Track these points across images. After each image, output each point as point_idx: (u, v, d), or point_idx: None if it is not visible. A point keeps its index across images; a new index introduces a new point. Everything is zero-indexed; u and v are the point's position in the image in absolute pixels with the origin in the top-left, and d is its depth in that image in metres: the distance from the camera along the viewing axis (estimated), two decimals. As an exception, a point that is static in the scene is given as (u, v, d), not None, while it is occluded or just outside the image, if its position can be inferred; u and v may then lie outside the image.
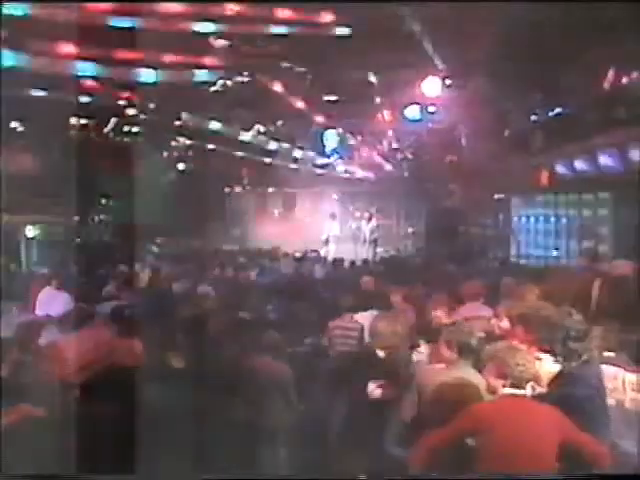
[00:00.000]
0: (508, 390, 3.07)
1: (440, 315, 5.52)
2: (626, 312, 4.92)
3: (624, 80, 8.86)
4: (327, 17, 7.96)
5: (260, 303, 6.99)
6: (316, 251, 13.83)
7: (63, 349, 4.58)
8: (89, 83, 9.35)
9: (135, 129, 13.31)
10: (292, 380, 4.95)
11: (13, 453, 3.43)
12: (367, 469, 4.50)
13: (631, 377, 3.49)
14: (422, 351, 4.80)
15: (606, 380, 3.33)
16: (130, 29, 7.27)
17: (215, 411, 4.91)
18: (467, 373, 3.68)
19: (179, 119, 12.95)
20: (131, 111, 11.83)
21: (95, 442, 3.57)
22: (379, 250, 15.49)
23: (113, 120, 12.79)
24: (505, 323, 4.32)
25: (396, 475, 4.10)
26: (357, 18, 8.02)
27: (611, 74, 8.99)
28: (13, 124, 11.08)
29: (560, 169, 10.89)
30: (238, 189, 18.71)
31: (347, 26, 8.22)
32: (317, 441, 5.10)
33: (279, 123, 14.22)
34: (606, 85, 9.01)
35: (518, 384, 3.07)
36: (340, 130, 14.56)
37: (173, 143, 16.07)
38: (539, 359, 3.60)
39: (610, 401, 3.30)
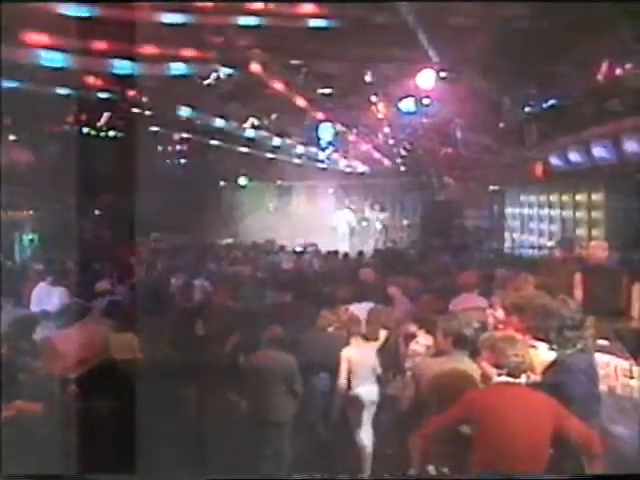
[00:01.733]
0: (503, 379, 3.09)
1: (437, 306, 5.54)
2: (607, 302, 4.96)
3: (618, 72, 8.86)
4: (321, 10, 7.93)
5: (256, 297, 6.99)
6: (313, 244, 13.85)
7: (58, 344, 4.58)
8: (84, 77, 9.30)
9: (130, 123, 13.25)
10: (297, 371, 4.98)
11: (10, 451, 3.44)
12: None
13: (623, 364, 3.52)
14: (419, 342, 4.82)
15: (599, 367, 3.36)
16: (123, 23, 7.22)
17: (219, 406, 4.92)
18: (463, 363, 3.70)
19: (174, 113, 12.89)
20: (126, 105, 11.77)
21: (92, 437, 3.57)
22: (375, 242, 15.51)
23: (107, 114, 12.72)
24: (500, 313, 4.35)
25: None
26: (351, 11, 7.99)
27: (605, 66, 9.00)
28: (8, 119, 11.01)
29: (554, 161, 10.91)
30: (233, 183, 18.68)
31: (341, 19, 8.19)
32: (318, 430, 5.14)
33: (273, 117, 14.16)
34: (600, 77, 9.01)
35: (513, 374, 3.09)
36: (335, 123, 14.52)
37: (168, 137, 16.01)
38: (534, 347, 3.63)
39: (603, 388, 3.33)
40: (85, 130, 12.53)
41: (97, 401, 3.75)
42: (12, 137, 11.71)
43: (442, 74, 10.58)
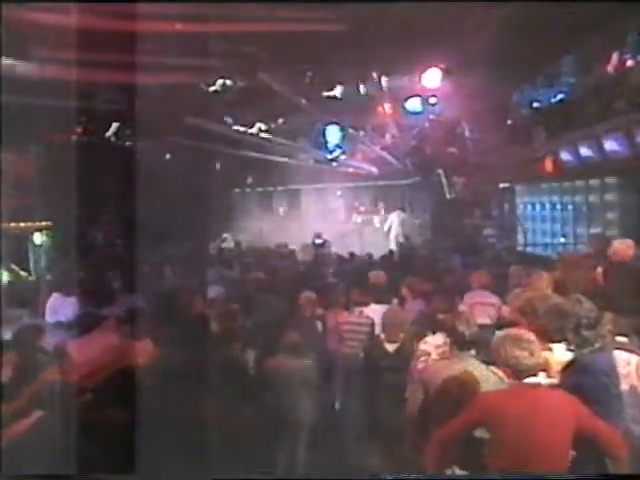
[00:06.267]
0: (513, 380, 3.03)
1: (448, 306, 5.50)
2: (631, 296, 4.89)
3: (627, 65, 8.80)
4: (325, 13, 7.93)
5: (268, 302, 6.96)
6: (323, 246, 13.84)
7: (74, 353, 4.60)
8: (89, 87, 9.35)
9: (138, 132, 13.32)
10: (316, 376, 4.99)
11: (18, 455, 3.45)
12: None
13: (644, 362, 3.44)
14: (427, 342, 4.76)
15: (619, 366, 3.30)
16: (129, 32, 7.25)
17: (236, 412, 4.92)
18: (470, 364, 3.61)
19: (181, 121, 12.93)
20: (133, 114, 11.83)
21: (112, 446, 3.58)
22: (386, 243, 15.42)
23: (115, 124, 12.81)
24: (511, 313, 4.30)
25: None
26: (355, 12, 7.99)
27: (614, 60, 8.94)
28: (16, 130, 11.09)
29: (565, 156, 10.83)
30: (242, 188, 18.71)
31: (346, 21, 8.19)
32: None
33: (280, 121, 14.20)
34: (610, 69, 8.95)
35: (523, 375, 3.01)
36: (342, 125, 14.53)
37: (176, 145, 16.06)
38: (549, 348, 3.57)
39: (623, 386, 3.27)
40: (95, 140, 12.61)
41: (115, 409, 3.76)
42: (20, 148, 11.79)
43: (448, 73, 10.59)
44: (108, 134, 12.89)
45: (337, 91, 11.64)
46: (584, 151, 10.07)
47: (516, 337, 3.13)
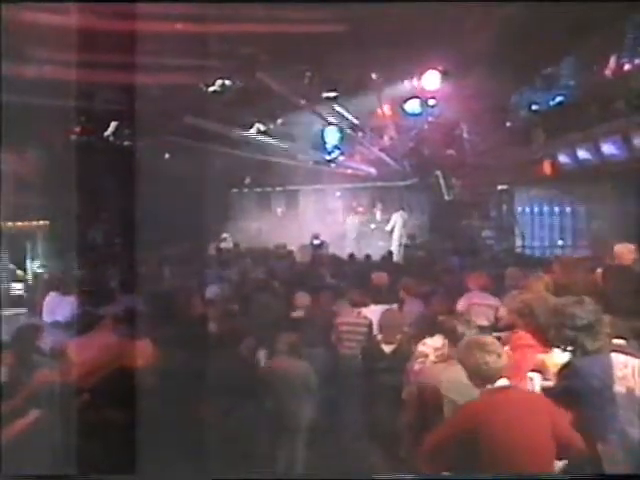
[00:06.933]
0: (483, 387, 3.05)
1: (446, 307, 5.52)
2: (631, 299, 4.91)
3: (626, 68, 8.82)
4: (324, 14, 7.94)
5: (266, 302, 6.97)
6: (321, 246, 13.85)
7: (72, 353, 4.60)
8: (89, 87, 9.35)
9: (136, 132, 13.31)
10: (315, 378, 5.00)
11: (18, 455, 3.46)
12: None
13: (641, 364, 3.45)
14: (426, 343, 4.77)
15: (616, 368, 3.31)
16: (128, 32, 7.26)
17: (234, 412, 4.93)
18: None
19: (180, 121, 12.93)
20: (132, 114, 11.84)
21: (112, 447, 3.59)
22: (384, 245, 15.44)
23: (114, 124, 12.81)
24: (508, 315, 4.32)
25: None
26: (354, 13, 8.00)
27: (612, 62, 8.96)
28: (16, 130, 11.09)
29: (563, 158, 10.85)
30: (240, 188, 18.70)
31: (345, 22, 8.20)
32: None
33: (279, 121, 14.22)
34: (608, 72, 8.98)
35: (488, 380, 3.03)
36: (341, 126, 14.54)
37: (174, 145, 16.06)
38: (546, 350, 3.58)
39: (620, 389, 3.28)
40: (94, 140, 12.61)
41: (115, 409, 3.77)
42: (20, 148, 11.77)
43: (447, 74, 10.62)
44: (107, 134, 12.88)
45: (336, 92, 11.66)
46: (582, 153, 10.09)
47: (482, 343, 3.15)
